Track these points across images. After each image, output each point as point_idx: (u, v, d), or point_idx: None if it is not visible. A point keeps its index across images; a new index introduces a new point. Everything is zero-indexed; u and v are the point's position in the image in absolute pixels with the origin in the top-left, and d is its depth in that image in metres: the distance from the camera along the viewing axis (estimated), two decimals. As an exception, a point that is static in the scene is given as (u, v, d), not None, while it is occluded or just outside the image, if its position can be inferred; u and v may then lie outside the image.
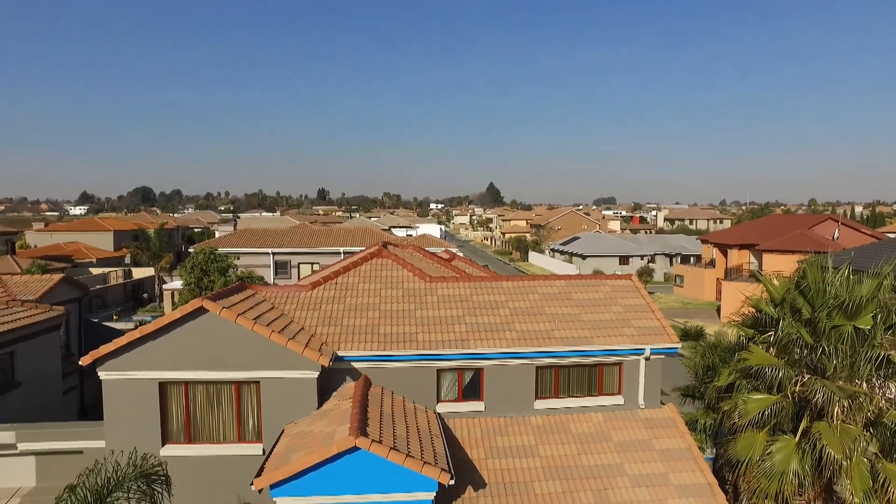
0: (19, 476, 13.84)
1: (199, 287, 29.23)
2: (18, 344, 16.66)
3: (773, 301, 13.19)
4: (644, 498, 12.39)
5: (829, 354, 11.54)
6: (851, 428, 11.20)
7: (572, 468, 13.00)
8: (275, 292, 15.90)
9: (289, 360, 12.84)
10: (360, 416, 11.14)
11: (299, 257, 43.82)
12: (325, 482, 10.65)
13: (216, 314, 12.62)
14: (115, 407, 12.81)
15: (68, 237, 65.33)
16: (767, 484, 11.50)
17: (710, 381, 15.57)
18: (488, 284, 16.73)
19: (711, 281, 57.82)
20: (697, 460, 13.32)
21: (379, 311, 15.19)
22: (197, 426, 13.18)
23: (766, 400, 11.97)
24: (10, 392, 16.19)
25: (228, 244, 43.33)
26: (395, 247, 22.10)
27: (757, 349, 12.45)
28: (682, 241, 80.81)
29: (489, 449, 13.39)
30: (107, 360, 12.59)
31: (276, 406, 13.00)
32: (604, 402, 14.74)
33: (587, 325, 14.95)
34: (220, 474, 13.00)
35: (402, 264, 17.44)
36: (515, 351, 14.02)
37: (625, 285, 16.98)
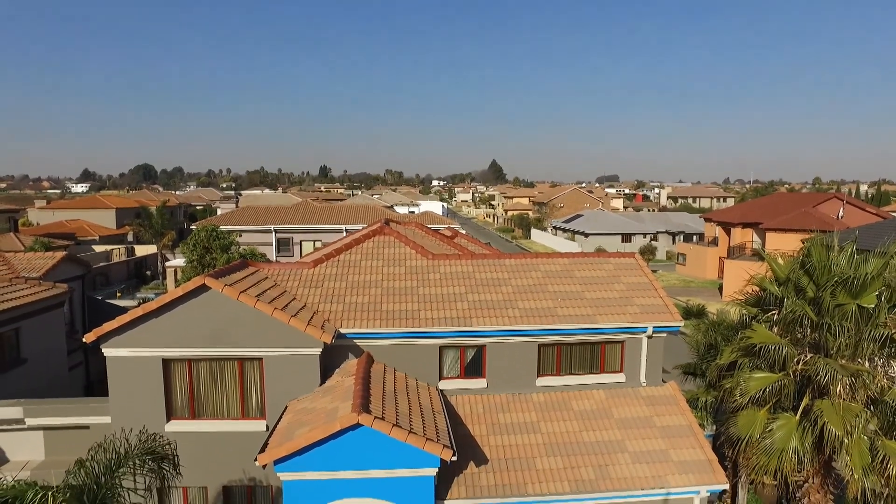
0: (28, 450, 14.06)
1: (201, 264, 29.25)
2: (23, 321, 16.74)
3: (778, 280, 13.14)
4: (644, 474, 12.50)
5: (833, 333, 11.53)
6: (853, 405, 11.24)
7: (573, 444, 13.10)
8: (277, 269, 15.88)
9: (291, 337, 12.87)
10: (362, 393, 11.19)
11: (301, 235, 43.81)
12: (328, 458, 10.75)
13: (218, 292, 12.62)
14: (119, 383, 12.90)
15: (70, 215, 65.28)
16: (767, 461, 11.59)
17: (712, 359, 15.61)
18: (491, 262, 16.68)
19: (714, 259, 57.70)
20: (698, 437, 13.41)
21: (381, 288, 15.18)
22: (201, 402, 13.28)
23: (767, 378, 11.99)
24: (15, 369, 16.33)
25: (230, 221, 43.30)
26: (397, 224, 22.02)
27: (760, 328, 12.44)
28: (684, 219, 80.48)
29: (491, 425, 13.49)
30: (111, 337, 12.64)
31: (279, 383, 13.08)
32: (605, 379, 14.79)
33: (590, 302, 14.92)
34: (225, 450, 13.14)
35: (405, 241, 17.38)
36: (518, 328, 14.02)
37: (627, 263, 16.92)
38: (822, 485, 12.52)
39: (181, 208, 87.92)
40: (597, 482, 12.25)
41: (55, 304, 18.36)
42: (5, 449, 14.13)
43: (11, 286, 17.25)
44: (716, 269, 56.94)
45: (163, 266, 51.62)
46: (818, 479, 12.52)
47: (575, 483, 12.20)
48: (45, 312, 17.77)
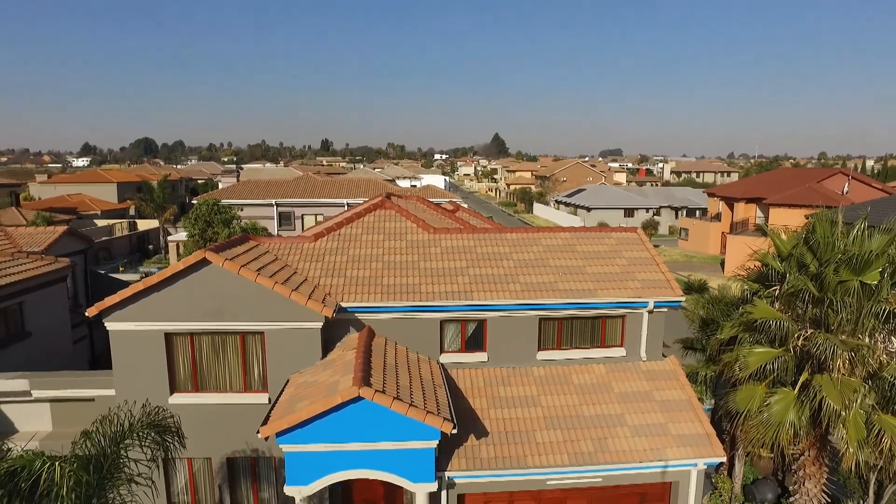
0: (36, 421, 14.27)
1: (202, 238, 29.27)
2: (26, 295, 16.81)
3: (780, 255, 13.08)
4: (643, 447, 12.64)
5: (835, 309, 11.51)
6: (852, 380, 11.29)
7: (573, 418, 13.23)
8: (278, 244, 15.86)
9: (292, 311, 12.90)
10: (363, 367, 11.27)
11: (303, 208, 43.72)
12: (330, 430, 10.88)
13: (219, 266, 12.61)
14: (123, 357, 13.00)
15: (72, 189, 65.06)
16: (764, 434, 11.69)
17: (712, 333, 15.65)
18: (492, 236, 16.63)
19: (716, 235, 57.51)
20: (696, 411, 13.52)
21: (382, 262, 15.17)
22: (203, 376, 13.40)
23: (767, 353, 12.03)
24: (20, 342, 16.45)
25: (232, 195, 43.17)
26: (398, 198, 21.92)
27: (761, 303, 12.43)
28: (688, 194, 79.95)
29: (491, 399, 13.60)
30: (113, 312, 12.70)
31: (280, 356, 13.16)
32: (606, 353, 14.86)
33: (591, 277, 14.91)
34: (228, 422, 13.30)
35: (406, 215, 17.31)
36: (519, 303, 14.04)
37: (630, 238, 16.86)
38: (818, 457, 12.66)
39: (182, 182, 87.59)
40: (596, 455, 12.40)
41: (58, 278, 18.41)
42: (14, 420, 14.34)
43: (14, 260, 17.27)
44: (718, 244, 56.81)
45: (165, 240, 51.67)
46: (814, 451, 12.65)
47: (574, 456, 12.35)
48: (48, 286, 17.84)
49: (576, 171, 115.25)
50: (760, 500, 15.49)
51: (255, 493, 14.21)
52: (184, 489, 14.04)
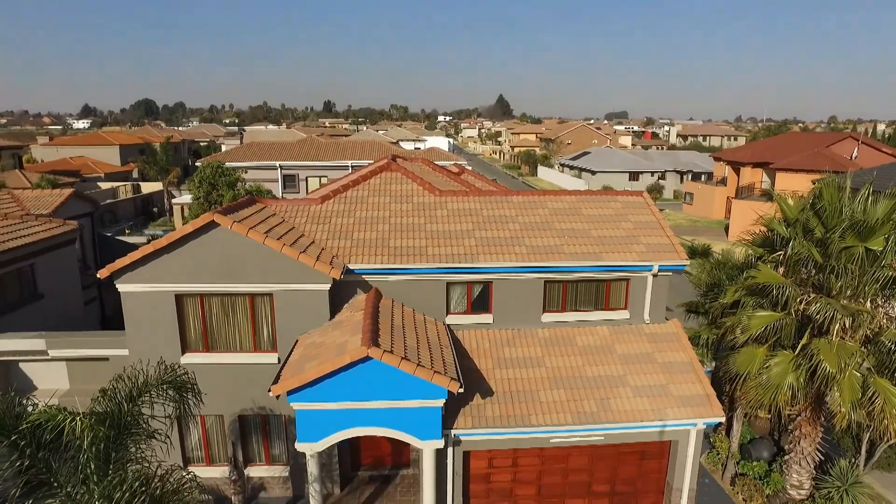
0: (54, 379, 14.71)
1: (207, 201, 29.29)
2: (37, 258, 17.00)
3: (786, 220, 13.07)
4: (644, 407, 12.93)
5: (837, 274, 11.58)
6: (849, 344, 11.43)
7: (577, 378, 13.49)
8: (284, 206, 15.91)
9: (300, 272, 13.05)
10: (371, 327, 11.46)
11: (307, 171, 43.54)
12: (339, 389, 11.15)
13: (227, 228, 12.71)
14: (134, 318, 13.24)
15: (74, 151, 64.71)
16: (763, 395, 11.92)
17: (715, 297, 15.78)
18: (498, 199, 16.63)
19: (722, 199, 57.18)
20: (697, 373, 13.77)
21: (389, 224, 15.24)
22: (214, 336, 13.65)
23: (769, 317, 12.16)
24: (34, 303, 16.73)
25: (235, 158, 42.97)
26: (403, 160, 21.82)
27: (765, 268, 12.50)
28: (694, 157, 79.13)
29: (497, 359, 13.86)
30: (123, 273, 12.87)
31: (289, 317, 13.38)
32: (610, 316, 15.04)
33: (596, 240, 14.97)
34: (239, 381, 13.63)
35: (412, 178, 17.29)
36: (524, 265, 14.15)
37: (635, 202, 16.84)
38: (814, 418, 12.93)
39: (185, 144, 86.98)
40: (598, 414, 12.70)
41: (67, 240, 18.57)
42: (33, 378, 14.74)
43: (23, 223, 17.40)
44: (723, 209, 56.55)
45: (169, 203, 51.68)
46: (810, 412, 12.92)
47: (577, 415, 12.66)
48: (57, 249, 18.01)
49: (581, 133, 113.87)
50: (756, 458, 15.89)
51: (267, 449, 14.66)
52: (197, 445, 14.49)
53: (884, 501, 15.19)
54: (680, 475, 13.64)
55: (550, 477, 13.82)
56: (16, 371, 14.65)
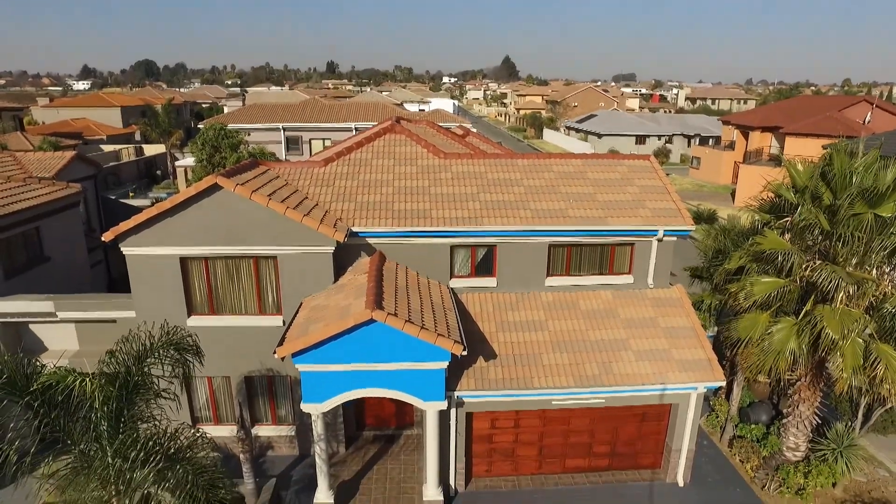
0: (64, 340, 14.92)
1: (210, 164, 29.12)
2: (42, 220, 17.01)
3: (795, 187, 12.88)
4: (646, 371, 13.06)
5: (844, 241, 11.47)
6: (853, 311, 11.41)
7: (579, 342, 13.59)
8: (288, 168, 15.80)
9: (304, 235, 13.04)
10: (375, 290, 11.50)
11: (310, 133, 43.17)
12: (343, 352, 11.27)
13: (230, 191, 12.65)
14: (140, 280, 13.32)
15: (75, 113, 64.12)
16: (764, 360, 11.98)
17: (720, 263, 15.73)
18: (503, 162, 16.47)
19: (729, 164, 56.51)
20: (700, 338, 13.84)
21: (393, 187, 15.14)
22: (219, 299, 13.75)
23: (773, 283, 12.11)
24: (41, 266, 16.81)
25: (238, 120, 42.55)
26: (407, 122, 21.54)
27: (771, 234, 12.39)
28: (702, 121, 77.81)
29: (500, 323, 13.95)
30: (128, 236, 12.89)
31: (293, 280, 13.44)
32: (614, 280, 15.05)
33: (602, 204, 14.87)
34: (244, 343, 13.78)
35: (416, 140, 17.10)
36: (529, 229, 14.09)
37: (642, 166, 16.65)
38: (813, 382, 13.03)
39: (187, 106, 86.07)
40: (600, 377, 12.84)
41: (71, 203, 18.54)
42: (43, 339, 14.95)
43: (26, 186, 17.35)
44: (730, 174, 55.96)
45: (172, 166, 51.44)
46: (810, 377, 13.01)
47: (579, 378, 12.80)
48: (61, 212, 18.00)
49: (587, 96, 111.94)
50: (755, 421, 16.12)
51: (273, 410, 14.95)
52: (205, 405, 14.78)
53: (876, 462, 15.48)
54: (679, 437, 13.87)
55: (551, 438, 14.08)
56: (27, 333, 14.86)
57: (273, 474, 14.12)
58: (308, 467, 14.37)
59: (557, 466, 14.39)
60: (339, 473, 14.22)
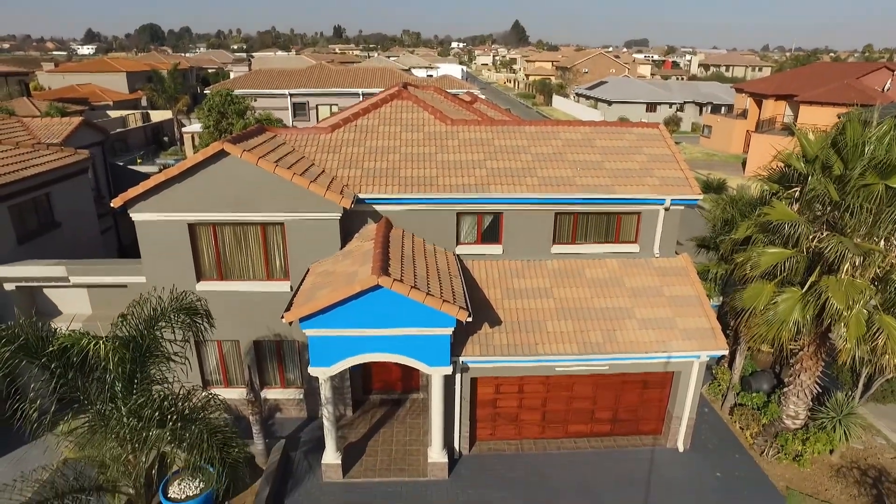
0: (77, 304, 15.22)
1: (217, 130, 29.03)
2: (52, 186, 17.12)
3: (805, 156, 12.73)
4: (649, 339, 13.18)
5: (853, 212, 11.38)
6: (858, 282, 11.40)
7: (584, 310, 13.71)
8: (294, 135, 15.76)
9: (311, 202, 13.10)
10: (381, 256, 11.60)
11: (317, 99, 42.83)
12: (350, 317, 11.44)
13: (237, 157, 12.67)
14: (149, 246, 13.47)
15: (80, 79, 63.64)
16: (767, 330, 12.05)
17: (727, 233, 15.70)
18: (511, 129, 16.34)
19: (741, 133, 55.65)
20: (704, 307, 13.91)
21: (399, 153, 15.10)
22: (227, 265, 13.91)
23: (780, 254, 12.09)
24: (52, 231, 17.00)
25: (244, 85, 42.22)
26: (415, 88, 21.33)
27: (779, 204, 12.31)
28: (714, 89, 76.36)
29: (506, 290, 14.06)
30: (137, 202, 12.99)
31: (300, 246, 13.56)
32: (620, 249, 15.06)
33: (609, 173, 14.78)
34: (253, 308, 14.00)
35: (423, 106, 16.97)
36: (535, 196, 14.07)
37: (651, 134, 16.47)
38: (816, 353, 13.13)
39: (193, 72, 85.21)
40: (604, 345, 12.99)
41: (80, 169, 18.62)
42: (57, 303, 15.24)
43: (35, 152, 17.41)
44: (741, 143, 55.17)
45: (179, 132, 51.30)
46: (813, 347, 13.09)
47: (583, 345, 12.95)
48: (71, 178, 18.09)
49: (598, 62, 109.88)
50: (756, 389, 16.31)
51: (282, 373, 15.26)
52: (216, 368, 15.10)
53: (874, 430, 15.69)
54: (681, 404, 14.08)
55: (555, 403, 14.33)
56: (41, 297, 15.15)
57: (282, 435, 14.51)
58: (316, 429, 14.74)
59: (560, 431, 14.69)
60: (346, 435, 14.60)
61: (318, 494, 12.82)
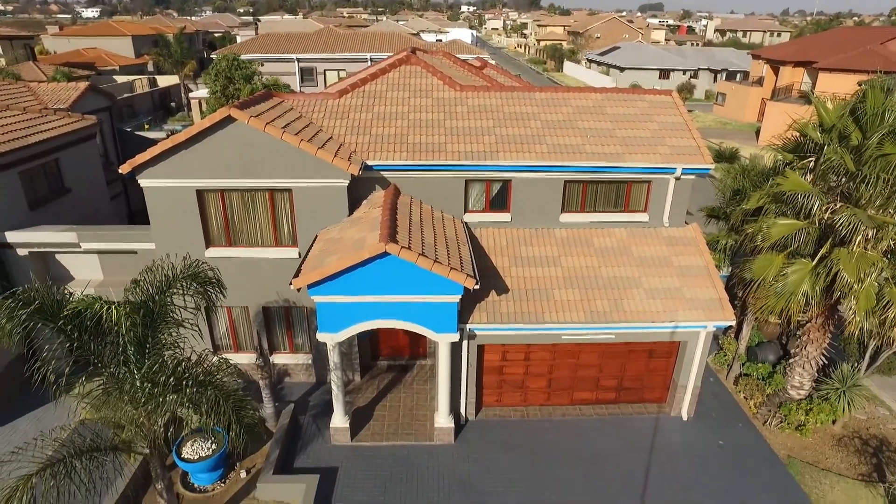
0: (89, 270, 15.40)
1: (224, 95, 28.76)
2: (60, 152, 17.11)
3: (822, 126, 12.46)
4: (656, 308, 13.19)
5: (868, 183, 11.19)
6: (870, 255, 11.28)
7: (591, 279, 13.70)
8: (302, 100, 15.61)
9: (319, 168, 13.05)
10: (389, 224, 11.60)
11: (325, 63, 42.30)
12: (358, 284, 11.51)
13: (244, 123, 12.59)
14: (158, 213, 13.52)
15: (85, 42, 63.07)
16: (776, 302, 12.01)
17: (738, 204, 15.53)
18: (520, 95, 16.09)
19: (756, 101, 54.49)
20: (712, 277, 13.86)
21: (408, 120, 14.95)
22: (236, 231, 13.97)
23: (791, 225, 11.96)
24: (62, 197, 17.06)
25: (251, 50, 41.69)
26: (424, 53, 20.98)
27: (793, 174, 12.11)
28: (730, 55, 74.54)
29: (513, 258, 14.06)
30: (145, 169, 12.98)
31: (308, 213, 13.57)
32: (629, 218, 14.97)
33: (620, 141, 14.58)
34: (261, 275, 14.11)
35: (432, 72, 16.71)
36: (545, 164, 13.93)
37: (663, 101, 16.17)
38: (824, 325, 13.10)
39: (199, 35, 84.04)
40: (610, 314, 13.02)
41: (88, 135, 18.56)
42: (69, 269, 15.43)
43: (42, 117, 17.35)
44: (756, 111, 54.09)
45: (187, 97, 50.95)
46: (821, 319, 13.06)
47: (590, 314, 12.99)
48: (79, 144, 18.06)
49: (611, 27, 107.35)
50: (762, 360, 16.37)
51: (290, 339, 15.46)
52: (225, 334, 15.32)
53: (878, 402, 15.76)
54: (686, 374, 14.17)
55: (561, 371, 14.47)
56: (53, 262, 15.32)
57: (291, 400, 14.79)
58: (324, 394, 15.01)
59: (565, 398, 14.87)
60: (354, 400, 14.86)
61: (326, 457, 13.13)
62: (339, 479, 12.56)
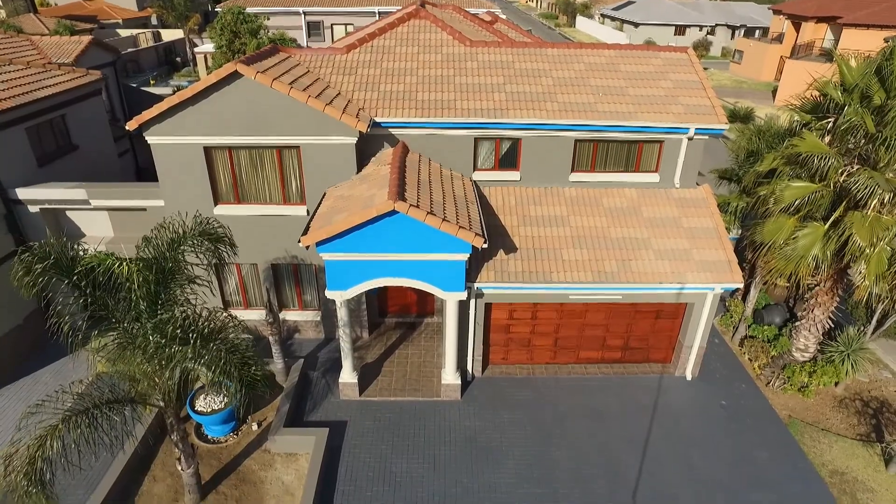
0: (99, 227, 15.52)
1: (230, 50, 28.29)
2: (67, 108, 16.96)
3: (844, 85, 12.09)
4: (664, 270, 13.18)
5: (888, 146, 10.93)
6: (885, 219, 11.13)
7: (600, 239, 13.66)
8: (309, 55, 15.33)
9: (327, 125, 12.92)
10: (398, 181, 11.54)
11: (332, 17, 41.34)
12: (366, 241, 11.53)
13: (251, 79, 12.40)
14: (166, 170, 13.50)
15: (88, -7, 61.82)
16: (785, 265, 11.94)
17: (751, 165, 15.29)
18: (532, 51, 15.71)
19: (774, 58, 52.95)
20: (722, 239, 13.77)
21: (417, 76, 14.68)
22: (244, 188, 13.95)
23: (806, 188, 11.77)
24: (70, 154, 17.03)
25: (257, 3, 40.71)
26: (433, 7, 20.44)
27: (810, 136, 11.84)
28: (750, 10, 72.12)
29: (522, 217, 14.01)
30: (151, 125, 12.89)
31: (316, 170, 13.50)
32: (639, 178, 14.80)
33: (632, 99, 14.28)
34: (270, 232, 14.16)
35: (441, 27, 16.31)
36: (555, 122, 13.71)
37: (678, 59, 15.74)
38: (832, 288, 13.05)
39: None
40: (618, 274, 13.03)
41: (93, 91, 18.36)
42: (80, 226, 15.54)
43: (47, 72, 17.13)
44: (774, 69, 52.63)
45: (192, 52, 50.13)
46: (829, 282, 13.00)
47: (597, 274, 13.00)
48: (85, 99, 17.89)
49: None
50: (768, 322, 16.41)
51: (299, 296, 15.63)
52: (235, 290, 15.50)
53: (881, 365, 15.86)
54: (692, 335, 14.26)
55: (567, 330, 14.60)
56: (64, 219, 15.42)
57: (301, 355, 15.06)
58: (333, 350, 15.27)
59: (571, 357, 15.05)
60: (362, 356, 15.11)
61: (335, 411, 13.46)
62: (348, 432, 12.89)
